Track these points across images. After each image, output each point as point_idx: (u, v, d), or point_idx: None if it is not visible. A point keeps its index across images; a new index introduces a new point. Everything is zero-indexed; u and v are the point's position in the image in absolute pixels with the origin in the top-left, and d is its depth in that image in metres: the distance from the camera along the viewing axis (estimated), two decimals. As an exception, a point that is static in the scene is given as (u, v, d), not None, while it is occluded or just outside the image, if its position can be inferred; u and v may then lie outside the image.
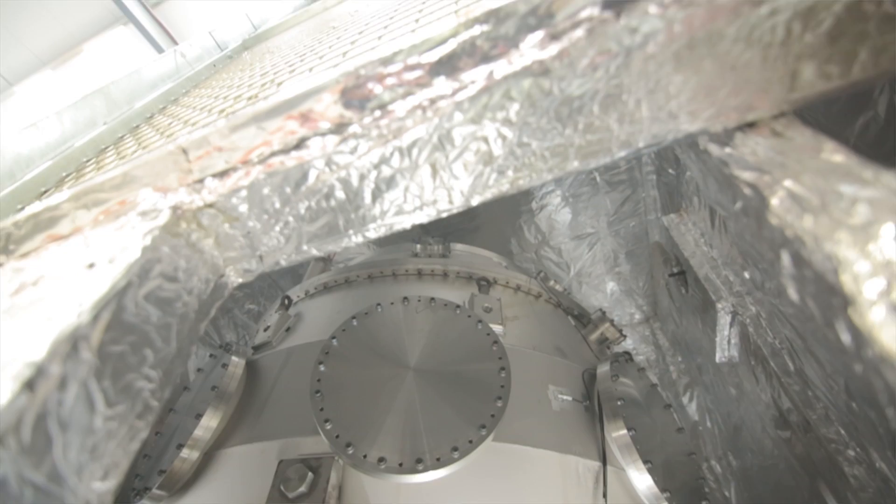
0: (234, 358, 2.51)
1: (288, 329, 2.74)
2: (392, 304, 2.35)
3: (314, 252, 0.80)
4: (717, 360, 3.43)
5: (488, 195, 0.77)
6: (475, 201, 0.79)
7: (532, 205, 4.86)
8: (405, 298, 2.37)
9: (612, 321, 2.91)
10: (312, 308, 2.91)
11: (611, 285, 5.34)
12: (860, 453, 1.90)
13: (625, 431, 2.07)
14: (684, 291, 3.89)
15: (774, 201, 0.54)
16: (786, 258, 0.50)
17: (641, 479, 2.00)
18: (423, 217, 0.79)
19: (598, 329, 2.86)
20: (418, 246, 3.31)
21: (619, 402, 2.17)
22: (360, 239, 0.81)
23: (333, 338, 2.17)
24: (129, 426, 0.49)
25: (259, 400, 2.30)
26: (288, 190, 0.77)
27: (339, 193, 0.79)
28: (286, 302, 3.00)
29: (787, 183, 0.56)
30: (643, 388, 2.56)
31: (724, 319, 3.18)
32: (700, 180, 0.77)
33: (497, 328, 2.32)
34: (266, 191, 0.77)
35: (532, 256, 5.12)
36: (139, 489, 2.31)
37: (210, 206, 0.76)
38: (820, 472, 2.37)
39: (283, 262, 0.80)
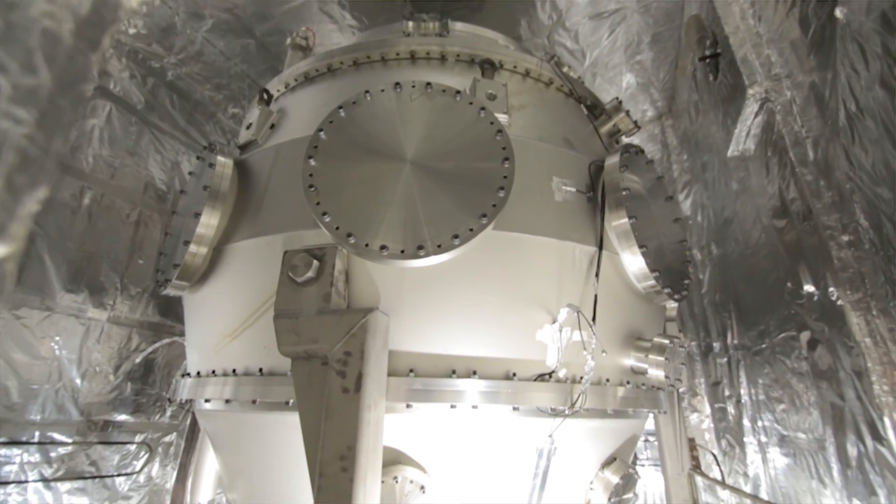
0: (219, 157, 2.37)
1: (272, 126, 2.51)
2: (382, 91, 2.05)
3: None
4: (730, 153, 3.28)
5: None
6: None
7: (549, -30, 3.93)
8: (397, 84, 2.06)
9: (627, 111, 2.64)
10: (295, 102, 2.60)
11: (628, 77, 4.79)
12: (862, 236, 1.92)
13: (626, 220, 2.07)
14: (712, 78, 3.47)
15: None
16: None
17: (634, 262, 2.10)
18: None
19: (611, 120, 2.62)
20: (410, 24, 2.76)
21: (623, 193, 2.11)
22: None
23: (320, 130, 1.96)
24: (3, 180, 0.37)
25: (255, 198, 2.25)
26: None
27: None
28: (265, 96, 2.67)
29: None
30: (649, 180, 2.48)
31: (750, 108, 2.90)
32: None
33: (502, 117, 2.09)
34: None
35: (543, 42, 4.43)
36: (161, 281, 2.48)
37: None
38: (804, 256, 2.50)
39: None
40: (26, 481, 2.91)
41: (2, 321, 2.96)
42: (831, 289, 2.24)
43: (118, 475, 3.39)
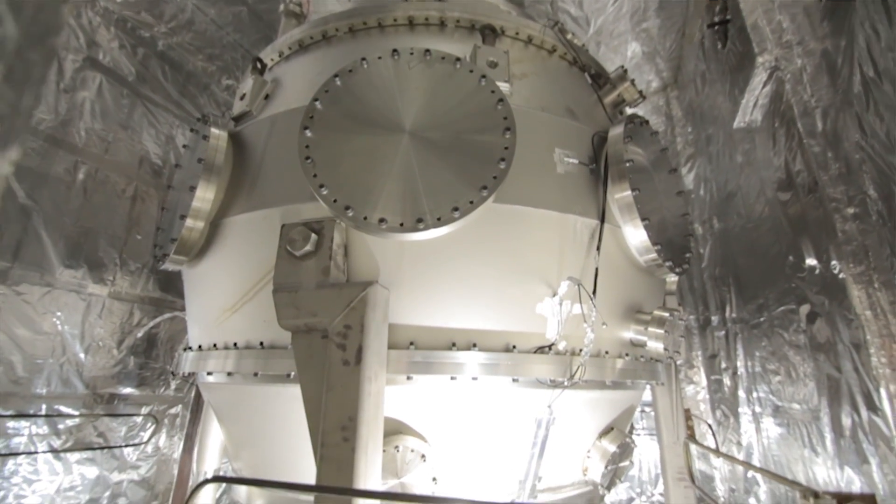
0: (213, 130, 2.31)
1: (267, 96, 2.44)
2: (379, 58, 1.98)
3: None
4: (736, 125, 3.21)
5: None
6: None
7: (552, -69, 3.75)
8: (395, 52, 1.99)
9: (632, 80, 2.57)
10: (290, 71, 2.52)
11: (633, 46, 4.64)
12: (870, 207, 1.89)
13: (628, 192, 2.04)
14: (721, 47, 3.36)
15: None
16: None
17: (636, 235, 2.08)
18: None
19: (615, 89, 2.54)
20: (408, -12, 2.64)
21: (626, 164, 2.07)
22: None
23: (316, 100, 1.90)
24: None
25: (251, 170, 2.21)
26: None
27: None
28: (259, 65, 2.59)
29: None
30: (653, 152, 2.44)
31: (759, 77, 2.81)
32: None
33: (503, 86, 2.03)
34: None
35: (546, 9, 4.28)
36: (159, 256, 2.47)
37: None
38: (808, 229, 2.47)
39: None
40: (36, 452, 2.98)
41: (2, 297, 2.96)
42: (833, 262, 2.23)
43: (126, 446, 3.47)
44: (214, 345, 2.14)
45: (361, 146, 1.84)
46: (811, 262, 2.47)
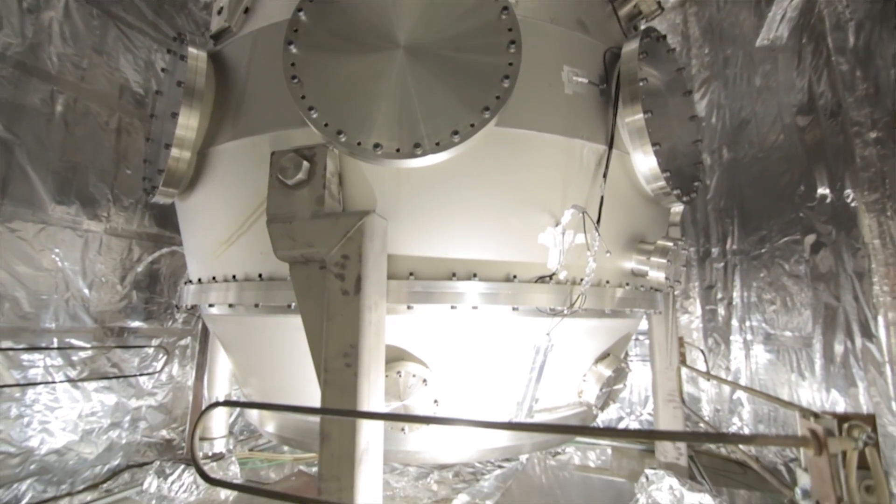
0: (191, 49, 2.12)
1: (247, 10, 2.22)
2: (369, -40, 1.76)
3: None
4: (759, 42, 2.97)
5: None
6: None
7: None
8: (386, -49, 1.76)
9: (650, -11, 2.32)
10: (270, -21, 2.27)
11: (652, -47, 4.18)
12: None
13: (640, 115, 1.91)
14: (751, -50, 3.01)
15: None
16: None
17: (645, 161, 1.98)
18: None
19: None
20: None
21: (640, 84, 1.92)
22: None
23: (300, 10, 1.72)
24: None
25: (236, 94, 2.06)
26: None
27: None
28: (235, -27, 2.32)
29: None
30: (668, 72, 2.26)
31: (791, -15, 2.55)
32: None
33: (507, -7, 1.82)
34: None
35: None
36: (149, 188, 2.39)
37: None
38: (824, 156, 2.36)
39: None
40: (54, 382, 3.10)
41: (-3, 234, 2.92)
42: (847, 190, 2.16)
43: (140, 375, 3.61)
44: (214, 277, 2.14)
45: (353, 63, 1.69)
46: (823, 190, 2.40)
